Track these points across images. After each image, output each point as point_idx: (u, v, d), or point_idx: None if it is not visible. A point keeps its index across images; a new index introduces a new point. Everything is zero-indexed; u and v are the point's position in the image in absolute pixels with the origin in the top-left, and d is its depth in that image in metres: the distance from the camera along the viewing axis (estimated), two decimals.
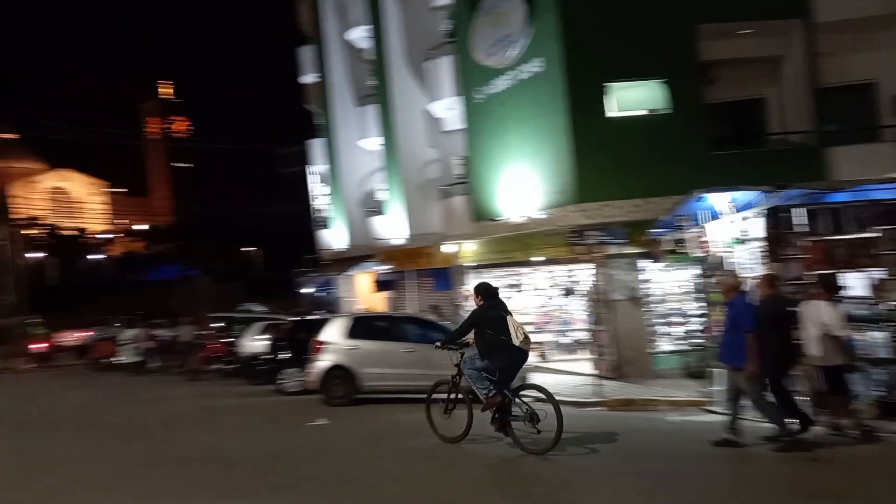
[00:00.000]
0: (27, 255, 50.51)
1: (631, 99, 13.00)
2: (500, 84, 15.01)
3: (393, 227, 20.00)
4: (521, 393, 7.57)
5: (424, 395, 8.37)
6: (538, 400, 7.50)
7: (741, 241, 9.62)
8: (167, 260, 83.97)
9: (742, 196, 9.60)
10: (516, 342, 7.32)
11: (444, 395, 8.01)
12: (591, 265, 13.56)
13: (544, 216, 13.99)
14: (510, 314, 7.62)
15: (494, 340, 7.42)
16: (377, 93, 20.55)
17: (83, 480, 6.98)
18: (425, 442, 8.03)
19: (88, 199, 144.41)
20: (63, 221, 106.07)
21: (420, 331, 12.17)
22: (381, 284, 21.54)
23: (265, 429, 9.75)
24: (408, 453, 7.66)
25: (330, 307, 26.37)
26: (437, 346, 8.30)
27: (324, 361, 11.60)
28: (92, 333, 20.06)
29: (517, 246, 15.40)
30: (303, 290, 30.31)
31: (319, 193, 27.12)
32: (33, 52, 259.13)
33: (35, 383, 18.50)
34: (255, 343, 16.06)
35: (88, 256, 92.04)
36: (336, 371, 11.50)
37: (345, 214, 23.28)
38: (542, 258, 15.65)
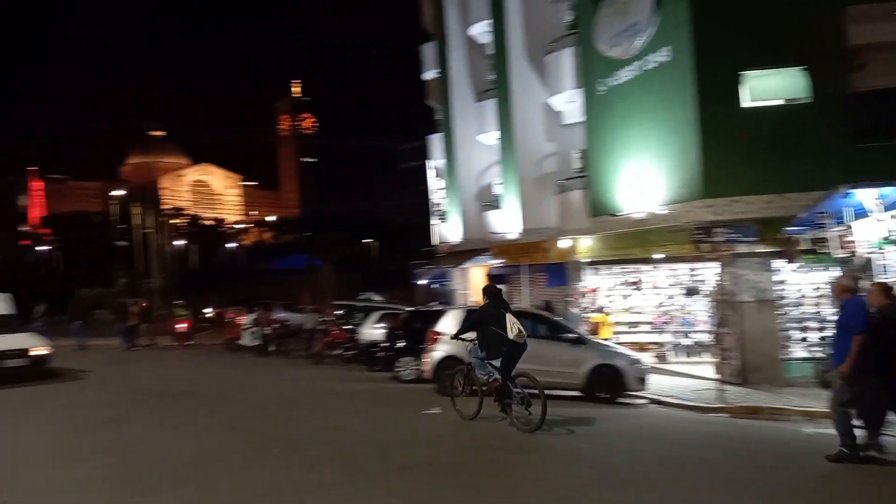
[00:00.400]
0: (173, 242, 55.31)
1: (767, 88, 12.20)
2: (624, 75, 14.58)
3: (507, 222, 20.02)
4: (518, 380, 8.62)
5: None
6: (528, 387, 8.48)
7: (891, 242, 8.77)
8: (293, 249, 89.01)
9: (893, 192, 8.74)
10: (510, 336, 8.44)
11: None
12: (717, 264, 12.88)
13: (667, 212, 13.45)
14: (510, 312, 8.74)
15: (492, 334, 8.62)
16: (496, 87, 20.62)
17: (226, 447, 7.62)
18: (535, 436, 8.02)
19: (225, 191, 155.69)
20: (204, 212, 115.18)
21: (533, 326, 12.11)
22: (494, 278, 21.61)
23: (382, 414, 10.11)
24: (517, 445, 7.68)
25: (444, 299, 26.83)
26: (451, 338, 9.84)
27: (438, 352, 11.85)
28: (255, 315, 21.48)
29: (636, 242, 14.91)
30: (418, 282, 31.05)
31: (437, 187, 27.62)
32: (179, 56, 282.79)
33: (177, 360, 20.23)
34: (374, 331, 16.68)
35: (226, 245, 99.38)
36: (450, 362, 11.69)
37: (460, 208, 23.57)
38: (663, 255, 15.06)
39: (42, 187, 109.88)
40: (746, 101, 12.27)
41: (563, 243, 17.26)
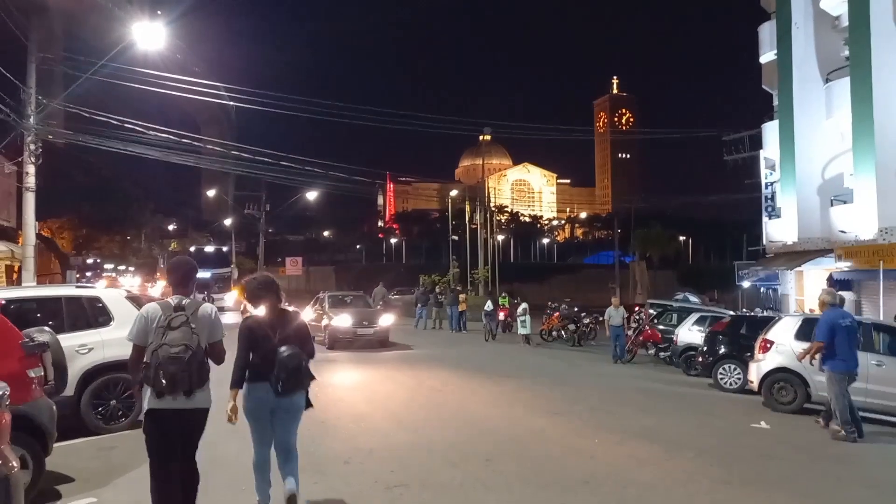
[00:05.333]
0: (497, 237, 59.94)
1: None
2: None
3: (859, 219, 17.20)
4: None
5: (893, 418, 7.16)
6: None
7: None
8: (605, 246, 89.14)
9: None
10: None
11: None
12: None
13: None
14: None
15: None
16: (851, 64, 17.82)
17: (549, 430, 8.16)
18: None
19: (541, 189, 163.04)
20: (522, 209, 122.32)
21: (893, 342, 10.29)
22: (837, 284, 18.73)
23: (702, 421, 9.63)
24: (882, 485, 6.60)
25: (772, 304, 24.22)
26: None
27: (768, 362, 10.79)
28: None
29: None
30: (742, 284, 28.47)
31: (769, 181, 25.00)
32: (503, 62, 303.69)
33: (493, 345, 21.99)
34: (691, 334, 15.91)
35: (541, 240, 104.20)
36: (782, 374, 10.58)
37: (797, 204, 21.01)
38: None
39: (393, 189, 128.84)
40: None
41: None
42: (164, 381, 4.07)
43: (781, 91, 22.19)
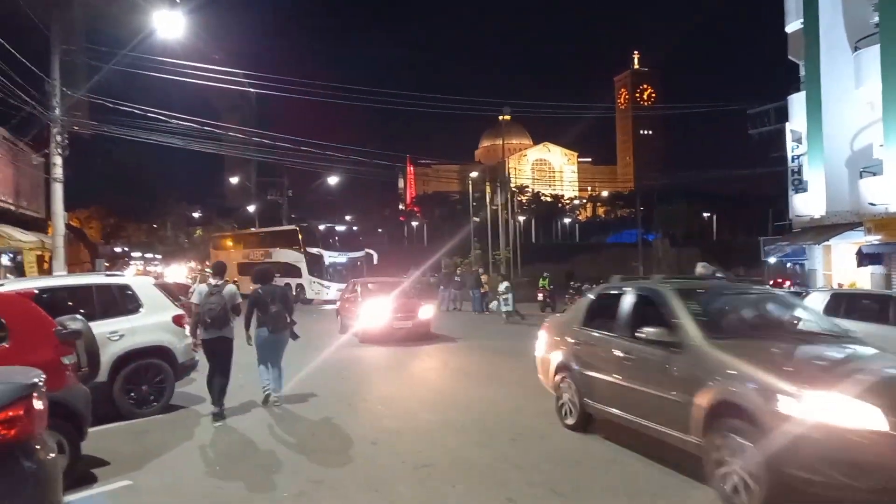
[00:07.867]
0: (518, 217, 59.63)
1: None
2: None
3: (889, 191, 16.81)
4: None
5: None
6: None
7: None
8: (628, 224, 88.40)
9: None
10: None
11: None
12: None
13: None
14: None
15: None
16: (881, 30, 17.29)
17: None
18: None
19: (562, 168, 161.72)
20: (543, 189, 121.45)
21: None
22: (867, 258, 18.37)
23: None
24: None
25: (799, 279, 23.90)
26: None
27: None
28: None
29: None
30: (769, 259, 28.04)
31: (795, 154, 24.49)
32: (522, 40, 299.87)
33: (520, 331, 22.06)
34: None
35: (563, 220, 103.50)
36: None
37: (825, 177, 20.56)
38: None
39: (413, 171, 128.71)
40: None
41: None
42: (208, 321, 7.70)
43: (808, 61, 21.63)
